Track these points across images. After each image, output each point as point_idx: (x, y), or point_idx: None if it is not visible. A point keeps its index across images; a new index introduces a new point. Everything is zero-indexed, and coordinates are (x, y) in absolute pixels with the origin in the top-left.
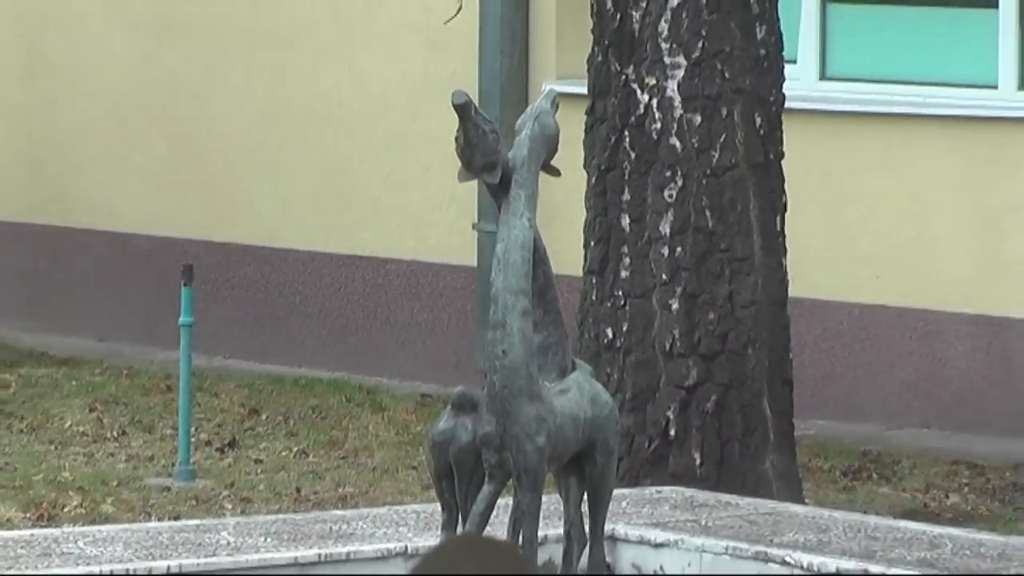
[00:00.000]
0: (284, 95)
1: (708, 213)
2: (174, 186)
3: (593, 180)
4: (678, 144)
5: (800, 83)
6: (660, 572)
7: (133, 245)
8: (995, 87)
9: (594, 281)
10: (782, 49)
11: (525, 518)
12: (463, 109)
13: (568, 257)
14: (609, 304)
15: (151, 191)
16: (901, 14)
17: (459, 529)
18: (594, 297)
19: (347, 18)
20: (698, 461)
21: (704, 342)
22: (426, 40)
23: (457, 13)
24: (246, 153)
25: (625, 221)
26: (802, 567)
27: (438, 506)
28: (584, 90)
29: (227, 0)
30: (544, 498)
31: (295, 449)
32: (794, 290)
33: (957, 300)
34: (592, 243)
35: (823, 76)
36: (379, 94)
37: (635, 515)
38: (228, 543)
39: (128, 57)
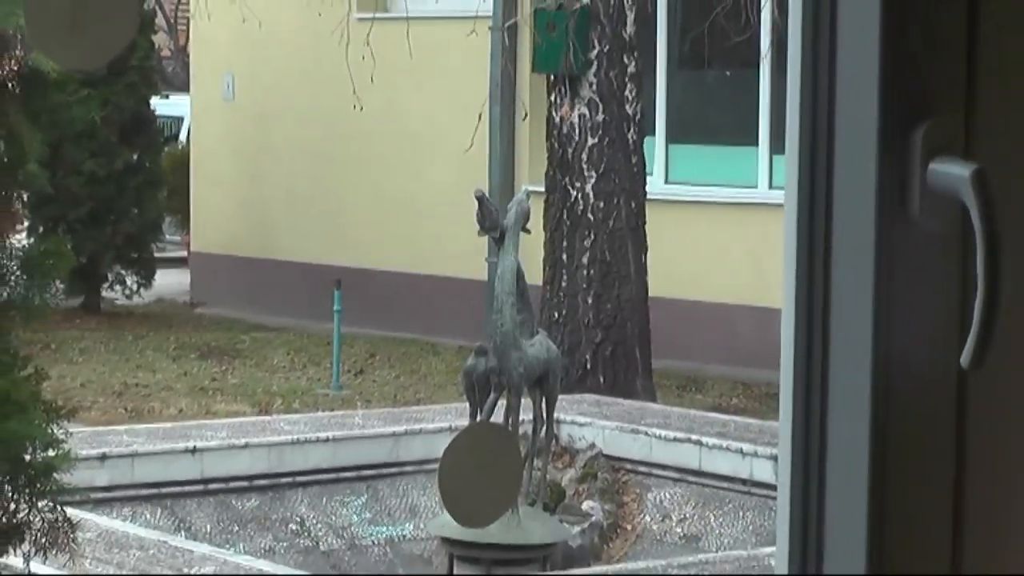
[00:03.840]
0: (383, 191)
1: (607, 253)
2: (330, 237)
3: (547, 236)
4: (591, 217)
5: (654, 185)
6: (583, 438)
7: (308, 268)
8: (756, 187)
9: (548, 287)
10: (645, 167)
11: (512, 412)
12: (480, 199)
13: (535, 274)
14: (556, 300)
15: (318, 239)
16: (708, 149)
17: (478, 418)
18: (548, 296)
19: (414, 149)
20: (602, 381)
21: (604, 320)
22: (459, 162)
23: (471, 147)
24: (366, 221)
25: (564, 256)
26: (656, 436)
27: (467, 405)
28: (543, 189)
29: (354, 140)
30: (523, 401)
31: (394, 374)
32: (652, 292)
33: (742, 297)
34: (547, 267)
35: (667, 181)
36: (434, 190)
37: (569, 409)
38: (358, 423)
39: (304, 169)
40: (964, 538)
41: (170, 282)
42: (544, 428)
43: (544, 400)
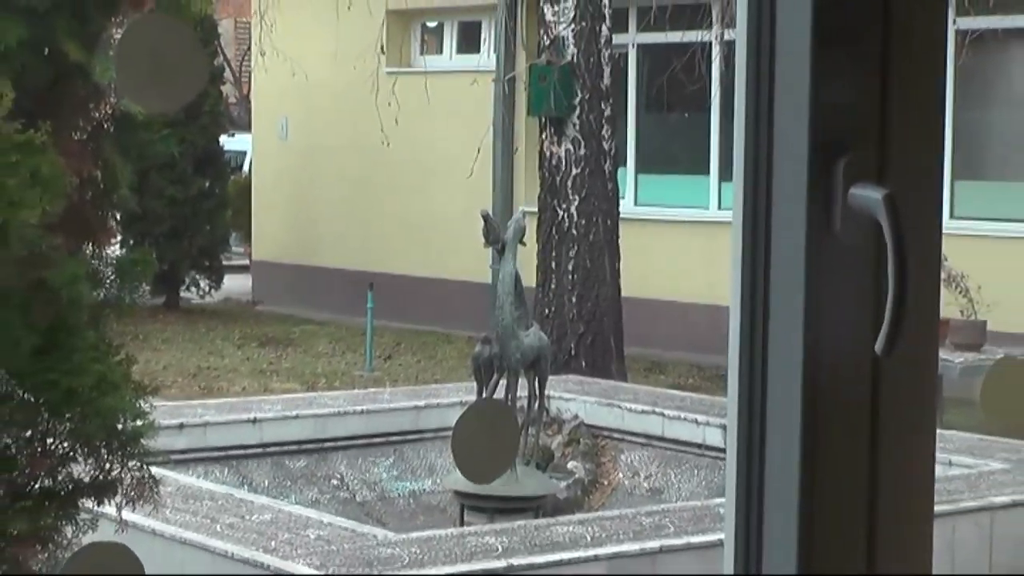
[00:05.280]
0: (407, 211)
1: (588, 261)
2: (364, 248)
3: (539, 247)
4: (575, 232)
5: (626, 206)
6: (569, 411)
7: (347, 273)
8: (708, 208)
9: (540, 289)
10: (618, 192)
11: (511, 390)
12: (484, 217)
13: (530, 278)
14: (546, 299)
15: (354, 250)
16: (669, 178)
17: (484, 395)
18: (540, 296)
19: (431, 177)
20: (583, 365)
21: (585, 315)
22: (466, 186)
23: (472, 173)
24: (393, 235)
25: (553, 264)
26: (628, 409)
27: (475, 384)
28: (536, 209)
29: (383, 170)
30: (519, 381)
31: (415, 360)
32: (624, 293)
33: (697, 297)
34: (540, 273)
35: (636, 203)
36: (447, 210)
37: (557, 387)
38: (387, 399)
39: (343, 193)
40: (878, 530)
41: (235, 285)
42: (537, 403)
43: (537, 380)
